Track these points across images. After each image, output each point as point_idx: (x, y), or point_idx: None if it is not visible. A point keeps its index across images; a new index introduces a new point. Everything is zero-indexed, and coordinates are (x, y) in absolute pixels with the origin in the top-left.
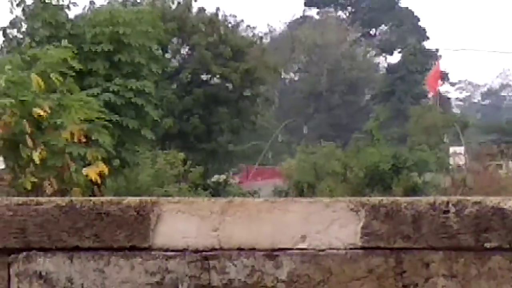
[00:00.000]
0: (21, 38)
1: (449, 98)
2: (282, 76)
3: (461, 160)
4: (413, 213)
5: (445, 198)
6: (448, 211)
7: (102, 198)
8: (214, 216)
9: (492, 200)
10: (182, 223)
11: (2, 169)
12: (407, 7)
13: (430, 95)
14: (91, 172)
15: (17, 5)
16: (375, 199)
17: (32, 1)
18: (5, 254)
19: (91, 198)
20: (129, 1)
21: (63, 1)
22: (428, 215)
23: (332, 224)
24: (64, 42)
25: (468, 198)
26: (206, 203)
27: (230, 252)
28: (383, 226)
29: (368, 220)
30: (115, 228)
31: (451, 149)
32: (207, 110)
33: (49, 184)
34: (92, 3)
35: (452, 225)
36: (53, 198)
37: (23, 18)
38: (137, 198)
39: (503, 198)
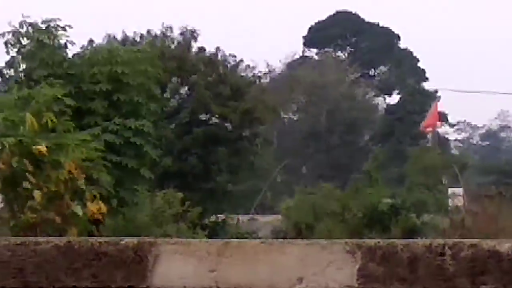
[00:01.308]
0: (19, 78)
1: (448, 139)
2: (281, 116)
3: (459, 202)
4: (409, 255)
5: (441, 241)
6: (444, 254)
7: (100, 238)
8: (211, 257)
9: (488, 243)
10: (179, 264)
11: (1, 207)
12: (407, 48)
13: (429, 135)
14: (93, 207)
15: (13, 45)
16: (371, 241)
17: (28, 41)
18: None
19: (89, 238)
20: (128, 40)
21: (60, 40)
22: (424, 258)
23: (328, 266)
24: (58, 81)
25: (464, 240)
26: (203, 244)
27: None
28: (379, 268)
29: (364, 262)
30: (113, 268)
31: (450, 190)
32: (206, 149)
33: (53, 219)
34: (91, 41)
35: (448, 268)
36: (51, 238)
37: (19, 58)
38: (135, 239)
39: (499, 241)
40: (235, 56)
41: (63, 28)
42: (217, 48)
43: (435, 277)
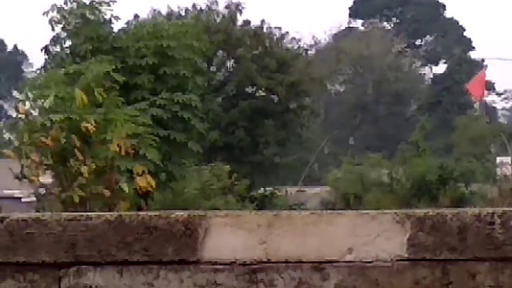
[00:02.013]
0: (65, 54)
1: (495, 108)
2: (328, 88)
3: (508, 170)
4: (458, 224)
5: (490, 210)
6: (493, 223)
7: (151, 213)
8: (261, 229)
9: None
10: (229, 236)
11: (51, 183)
12: (452, 17)
13: (476, 105)
14: (142, 182)
15: (58, 22)
16: (420, 211)
17: (72, 18)
18: (56, 268)
19: (140, 213)
20: (174, 14)
21: (105, 15)
22: (474, 227)
23: (378, 236)
24: (107, 57)
25: None
26: (253, 216)
27: (277, 265)
28: (429, 237)
29: (414, 232)
30: (164, 242)
31: (498, 159)
32: (253, 122)
33: (100, 192)
34: (136, 16)
35: (497, 236)
36: (102, 213)
37: (65, 34)
38: (185, 212)
39: None
40: (281, 29)
41: (108, 4)
42: (262, 21)
43: (484, 246)
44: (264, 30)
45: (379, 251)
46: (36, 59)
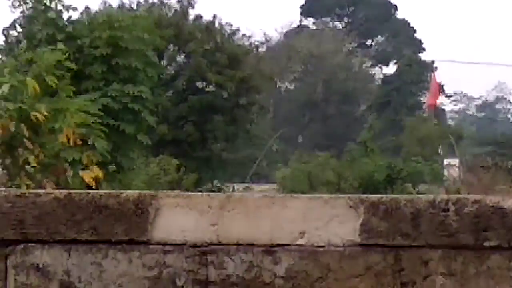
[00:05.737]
0: (20, 40)
1: (444, 110)
2: (278, 85)
3: (455, 172)
4: (412, 211)
5: (445, 197)
6: (447, 210)
7: (101, 191)
8: (212, 211)
9: (492, 199)
10: (180, 217)
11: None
12: (404, 18)
13: (425, 106)
14: (86, 176)
15: (16, 7)
16: (374, 196)
17: (31, 4)
18: (3, 246)
19: (90, 191)
20: (125, 8)
21: (63, 5)
22: (428, 213)
23: (331, 221)
24: (60, 45)
25: (468, 196)
26: (205, 198)
27: (228, 247)
28: (382, 223)
29: (367, 217)
30: (113, 221)
31: (446, 161)
32: (202, 117)
33: (46, 183)
34: (86, 8)
35: (451, 224)
36: (51, 191)
37: (22, 19)
38: (136, 192)
39: (503, 197)
40: (232, 25)
41: None
42: (214, 16)
43: (438, 233)
44: (216, 25)
45: (332, 235)
46: None
